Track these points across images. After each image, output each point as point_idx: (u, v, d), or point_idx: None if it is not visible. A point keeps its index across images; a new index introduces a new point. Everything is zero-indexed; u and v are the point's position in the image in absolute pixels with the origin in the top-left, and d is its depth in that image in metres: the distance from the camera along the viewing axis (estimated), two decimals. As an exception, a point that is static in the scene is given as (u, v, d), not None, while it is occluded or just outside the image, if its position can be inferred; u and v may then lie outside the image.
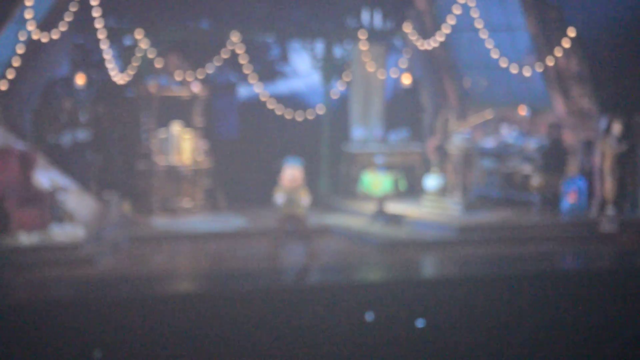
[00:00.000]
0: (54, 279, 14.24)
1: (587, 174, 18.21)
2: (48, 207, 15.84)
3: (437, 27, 19.59)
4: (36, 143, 18.02)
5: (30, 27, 16.14)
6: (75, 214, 16.46)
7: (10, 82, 17.26)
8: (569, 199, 18.16)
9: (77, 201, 17.01)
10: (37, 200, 15.82)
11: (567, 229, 17.50)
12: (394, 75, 21.30)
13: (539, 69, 18.52)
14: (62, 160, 18.62)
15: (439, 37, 19.33)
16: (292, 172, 15.43)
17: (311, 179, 19.76)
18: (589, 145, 18.28)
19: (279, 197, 15.36)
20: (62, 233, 15.68)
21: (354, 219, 18.28)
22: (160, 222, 17.85)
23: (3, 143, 16.77)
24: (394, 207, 18.21)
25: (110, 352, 11.57)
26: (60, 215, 16.04)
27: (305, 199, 15.48)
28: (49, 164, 17.60)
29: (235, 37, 19.08)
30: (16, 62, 16.97)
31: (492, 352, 12.50)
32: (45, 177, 16.82)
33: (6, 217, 15.32)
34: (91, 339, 11.66)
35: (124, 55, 19.17)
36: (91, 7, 17.35)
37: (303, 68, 22.17)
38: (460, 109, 20.40)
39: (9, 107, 17.60)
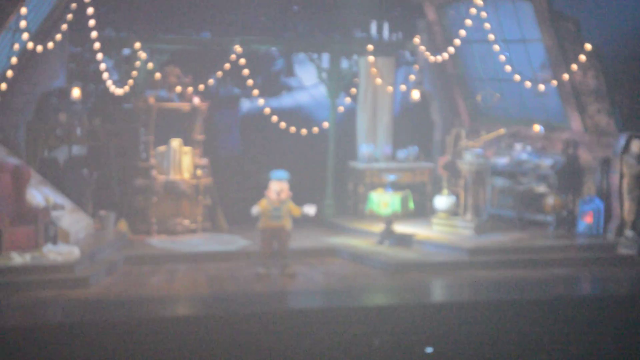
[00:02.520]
0: (47, 301, 14.01)
1: (605, 194, 17.93)
2: (42, 226, 15.56)
3: (448, 40, 19.30)
4: (30, 158, 17.82)
5: (25, 36, 15.81)
6: (70, 232, 16.24)
7: (4, 93, 16.98)
8: (586, 220, 17.94)
9: (72, 219, 16.78)
10: (31, 218, 15.57)
11: (584, 251, 17.27)
12: (403, 89, 21.08)
13: (554, 83, 18.20)
14: (57, 176, 18.59)
15: (450, 50, 19.01)
16: (278, 186, 15.44)
17: (316, 197, 19.62)
18: (606, 164, 17.94)
19: (254, 209, 15.38)
20: (56, 253, 15.39)
21: (360, 239, 18.02)
22: (158, 241, 17.57)
23: (-5, 157, 16.54)
24: (403, 227, 17.99)
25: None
26: (54, 234, 15.79)
27: (307, 208, 15.51)
28: (43, 180, 17.37)
29: (238, 48, 18.87)
30: (10, 73, 16.63)
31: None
32: (39, 194, 16.54)
33: (-3, 235, 15.09)
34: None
35: (122, 67, 18.92)
36: (87, 16, 17.03)
37: (308, 81, 22.07)
38: (472, 125, 20.15)
39: (2, 119, 17.43)
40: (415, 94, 20.12)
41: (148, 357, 11.83)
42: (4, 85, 16.74)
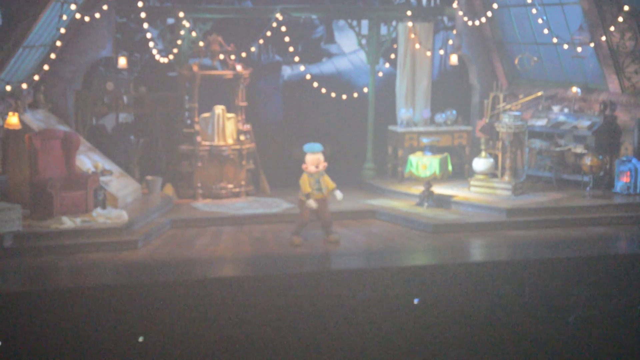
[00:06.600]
0: (97, 263, 14.32)
1: (642, 154, 17.89)
2: (91, 190, 15.87)
3: (486, 4, 19.27)
4: (79, 125, 18.06)
5: (73, 7, 16.00)
6: (118, 197, 16.54)
7: (53, 62, 17.26)
8: (623, 180, 17.83)
9: (120, 184, 17.05)
10: (80, 183, 15.86)
11: (621, 210, 17.24)
12: (441, 54, 21.09)
13: (592, 45, 18.14)
14: (105, 142, 18.86)
15: (488, 14, 18.98)
16: (315, 158, 15.46)
17: (357, 161, 19.72)
18: (643, 124, 17.87)
19: (313, 204, 15.31)
20: (105, 216, 15.73)
21: (400, 201, 18.08)
22: (203, 205, 17.75)
23: (46, 125, 16.79)
24: (442, 189, 18.04)
25: (153, 335, 11.55)
26: (103, 198, 16.12)
27: (338, 192, 15.43)
28: (92, 147, 17.66)
29: (279, 16, 18.90)
30: (59, 43, 16.93)
31: (542, 335, 12.45)
32: (88, 160, 16.88)
33: (49, 200, 15.38)
34: (135, 322, 11.71)
35: (167, 36, 19.04)
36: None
37: (348, 47, 22.01)
38: (510, 88, 20.07)
39: (51, 89, 17.63)
40: (454, 59, 20.10)
41: (194, 316, 11.91)
42: (53, 55, 17.03)
